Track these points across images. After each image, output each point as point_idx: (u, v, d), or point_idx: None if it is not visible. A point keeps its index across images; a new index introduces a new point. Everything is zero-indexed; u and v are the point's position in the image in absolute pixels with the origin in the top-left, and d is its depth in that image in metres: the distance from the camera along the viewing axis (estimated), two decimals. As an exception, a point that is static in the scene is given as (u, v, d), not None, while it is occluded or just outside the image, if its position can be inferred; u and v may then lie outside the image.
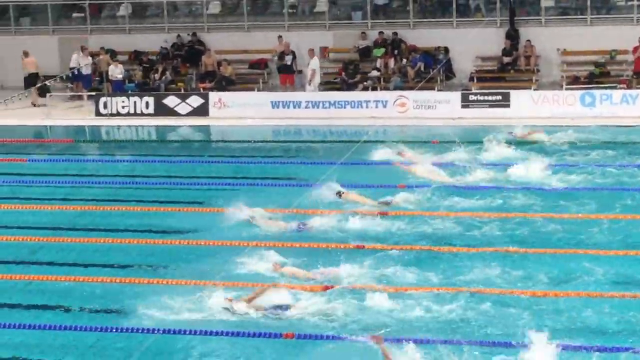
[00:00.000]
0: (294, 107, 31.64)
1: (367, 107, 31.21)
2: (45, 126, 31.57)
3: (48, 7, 37.19)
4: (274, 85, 34.85)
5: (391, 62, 34.30)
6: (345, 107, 31.35)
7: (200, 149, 28.54)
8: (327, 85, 34.16)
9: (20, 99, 32.69)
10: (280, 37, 34.50)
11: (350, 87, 33.30)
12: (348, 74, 33.75)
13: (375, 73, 33.91)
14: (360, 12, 36.00)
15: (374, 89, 33.22)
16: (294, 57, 34.14)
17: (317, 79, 33.19)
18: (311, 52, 33.51)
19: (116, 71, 33.87)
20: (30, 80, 34.71)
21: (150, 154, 27.52)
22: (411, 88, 32.27)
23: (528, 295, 15.73)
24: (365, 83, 33.49)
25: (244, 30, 36.11)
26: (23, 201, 22.72)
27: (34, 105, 33.85)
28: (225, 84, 33.78)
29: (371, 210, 20.31)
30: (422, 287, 16.11)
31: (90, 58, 34.84)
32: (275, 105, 31.75)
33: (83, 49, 35.07)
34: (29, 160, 27.00)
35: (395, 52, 34.45)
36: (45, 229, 20.36)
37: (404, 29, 35.06)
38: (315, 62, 33.16)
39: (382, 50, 34.56)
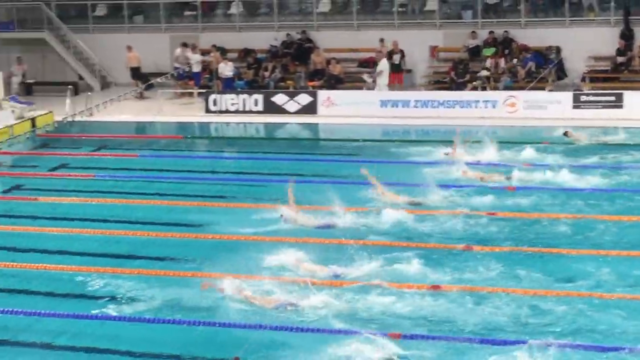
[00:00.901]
0: (403, 106, 31.53)
1: (476, 107, 30.93)
2: (157, 122, 32.04)
3: (160, 5, 37.76)
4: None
5: (501, 62, 33.91)
6: (454, 107, 31.12)
7: (308, 146, 28.62)
8: (436, 84, 33.97)
9: (133, 95, 33.21)
10: (381, 40, 34.35)
11: (460, 86, 33.04)
12: (457, 74, 33.49)
13: (484, 73, 33.57)
14: (471, 11, 35.70)
15: (483, 88, 32.90)
16: (403, 56, 34.00)
17: (384, 80, 32.93)
18: (380, 54, 33.39)
19: (226, 69, 34.21)
20: (133, 73, 35.73)
21: (258, 151, 27.76)
22: (521, 88, 31.89)
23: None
24: (474, 83, 33.19)
25: (354, 29, 36.12)
26: (132, 196, 23.15)
27: (141, 96, 34.51)
28: (334, 82, 33.84)
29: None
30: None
31: (198, 56, 35.25)
32: (383, 104, 31.68)
33: (193, 46, 35.53)
34: (139, 156, 27.48)
35: (506, 51, 34.06)
36: (153, 224, 20.68)
37: (514, 28, 34.65)
38: (384, 64, 33.01)
39: (493, 49, 34.21)
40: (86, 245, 19.76)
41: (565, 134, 26.55)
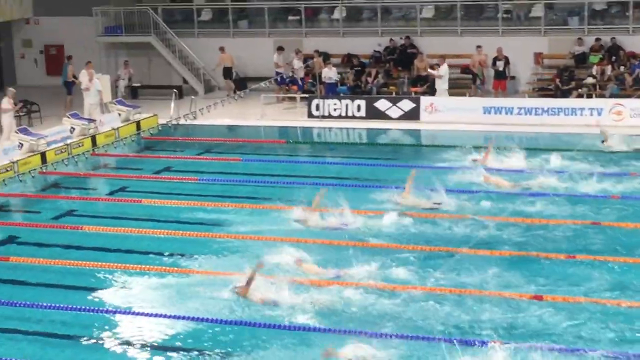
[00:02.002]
0: (506, 113, 31.19)
1: (581, 114, 30.43)
2: (259, 126, 32.27)
3: (265, 10, 38.03)
4: (485, 90, 34.47)
5: (608, 69, 33.31)
6: (558, 114, 30.68)
7: (410, 152, 28.47)
8: (541, 91, 33.54)
9: (236, 99, 33.51)
10: (479, 47, 34.02)
11: (565, 93, 32.55)
12: (562, 81, 33.00)
13: (590, 80, 33.02)
14: (577, 17, 35.16)
15: (589, 96, 32.37)
16: (507, 63, 33.64)
17: (444, 85, 32.72)
18: (442, 60, 33.23)
19: (330, 73, 34.28)
20: (225, 73, 36.54)
21: (360, 157, 27.74)
22: (628, 96, 31.28)
23: None
24: (579, 90, 32.66)
25: (457, 35, 35.88)
26: (234, 199, 23.37)
27: (233, 93, 34.84)
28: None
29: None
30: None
31: (300, 61, 35.39)
32: (487, 110, 31.39)
33: (297, 51, 35.70)
34: (243, 160, 27.70)
35: (613, 58, 33.45)
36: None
37: (622, 34, 34.01)
38: (444, 68, 32.80)
39: (599, 56, 33.64)
40: (185, 246, 20.04)
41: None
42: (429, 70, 33.64)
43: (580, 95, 32.28)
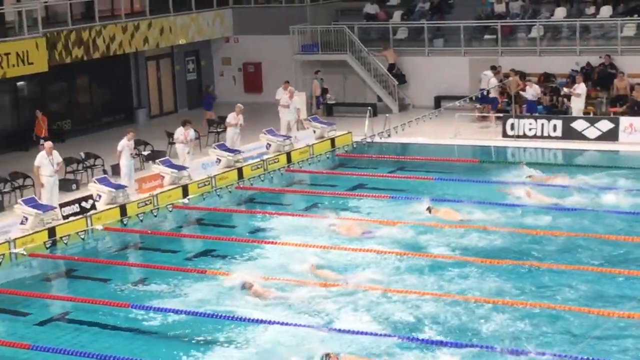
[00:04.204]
0: None
1: None
2: (453, 145, 32.03)
3: (461, 28, 37.80)
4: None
5: None
6: None
7: (607, 174, 27.65)
8: None
9: (430, 118, 33.39)
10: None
11: None
12: None
13: None
14: None
15: None
16: None
17: (579, 104, 32.29)
18: (579, 78, 32.75)
19: (530, 92, 33.66)
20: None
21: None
22: None
23: None
24: None
25: (660, 54, 34.76)
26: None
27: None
28: (638, 108, 32.60)
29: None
30: None
31: (495, 80, 34.96)
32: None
33: (495, 68, 35.27)
34: (435, 179, 27.52)
35: None
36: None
37: None
38: (582, 87, 32.38)
39: None
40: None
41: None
42: (564, 89, 33.00)
43: None
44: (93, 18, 34.35)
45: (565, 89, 33.45)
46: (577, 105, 32.39)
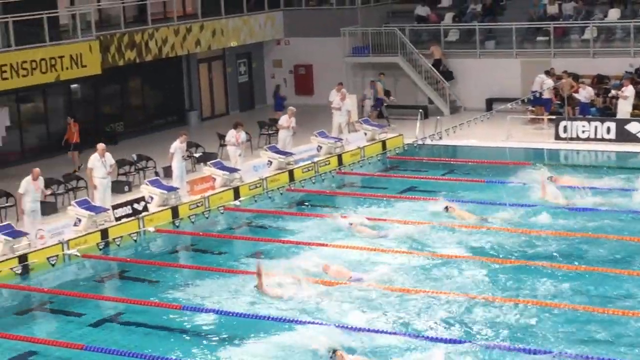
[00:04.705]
0: None
1: None
2: (504, 148, 31.82)
3: (513, 30, 37.57)
4: None
5: None
6: None
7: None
8: None
9: (482, 121, 33.19)
10: None
11: None
12: None
13: None
14: None
15: None
16: None
17: (627, 107, 31.66)
18: (627, 81, 32.26)
19: (582, 94, 33.37)
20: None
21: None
22: None
23: None
24: None
25: None
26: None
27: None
28: (693, 111, 32.24)
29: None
30: None
31: (550, 82, 34.66)
32: None
33: (550, 72, 34.95)
34: (486, 182, 27.38)
35: None
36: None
37: None
38: (630, 90, 31.88)
39: None
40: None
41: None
42: (613, 91, 32.68)
43: None
44: (146, 21, 34.63)
45: (613, 91, 33.15)
46: (624, 107, 32.01)
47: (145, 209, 25.34)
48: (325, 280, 19.78)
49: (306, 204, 26.68)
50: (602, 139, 31.52)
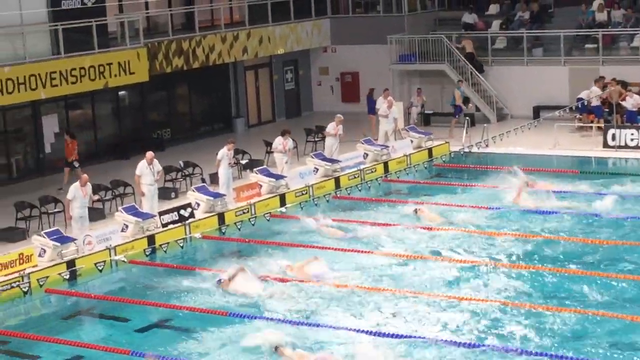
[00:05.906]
0: None
1: None
2: (552, 156, 31.60)
3: (561, 38, 37.32)
4: None
5: None
6: None
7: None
8: None
9: (529, 128, 32.96)
10: None
11: None
12: None
13: None
14: None
15: None
16: None
17: None
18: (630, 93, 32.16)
19: (629, 102, 33.07)
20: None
21: None
22: None
23: None
24: None
25: None
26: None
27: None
28: None
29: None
30: None
31: (598, 89, 34.38)
32: None
33: (598, 80, 34.60)
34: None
35: None
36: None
37: None
38: (634, 99, 31.94)
39: None
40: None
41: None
42: (620, 101, 32.37)
43: None
44: (193, 28, 34.83)
45: (621, 102, 32.64)
46: None
47: (192, 215, 25.47)
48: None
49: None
50: (653, 147, 31.28)
